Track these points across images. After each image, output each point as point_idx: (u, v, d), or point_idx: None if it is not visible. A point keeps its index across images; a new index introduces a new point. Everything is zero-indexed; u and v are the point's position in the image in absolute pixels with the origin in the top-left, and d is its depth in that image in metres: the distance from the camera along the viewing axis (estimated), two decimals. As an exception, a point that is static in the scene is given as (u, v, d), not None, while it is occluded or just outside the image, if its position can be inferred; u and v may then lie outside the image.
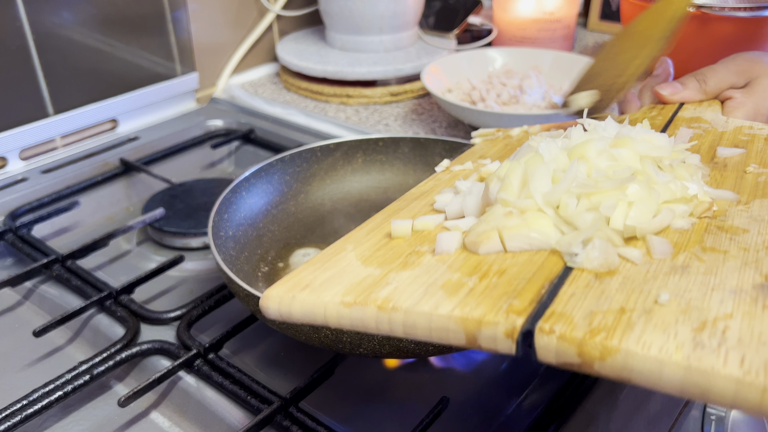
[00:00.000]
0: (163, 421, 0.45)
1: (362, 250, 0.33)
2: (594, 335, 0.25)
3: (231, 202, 0.54)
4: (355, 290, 0.29)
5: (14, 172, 0.72)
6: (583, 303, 0.27)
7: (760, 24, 0.80)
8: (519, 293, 0.27)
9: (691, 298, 0.26)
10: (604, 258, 0.29)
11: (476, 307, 0.27)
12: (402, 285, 0.29)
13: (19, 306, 0.57)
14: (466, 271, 0.30)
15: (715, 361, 0.23)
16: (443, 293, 0.28)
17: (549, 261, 0.30)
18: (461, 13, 0.98)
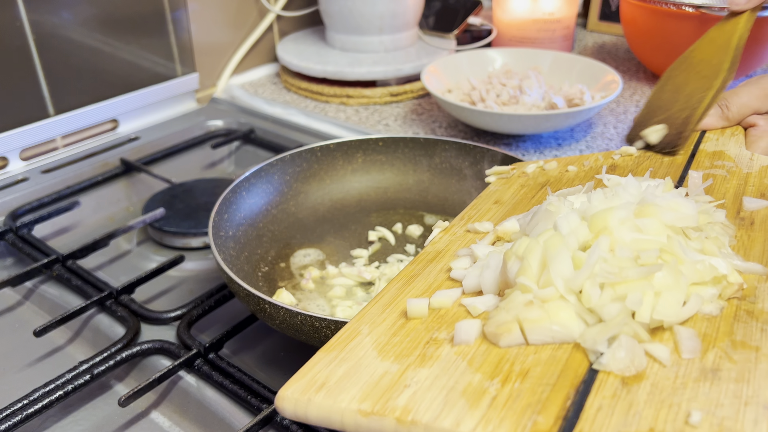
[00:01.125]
0: (164, 421, 0.45)
1: (378, 335, 0.32)
2: None
3: (231, 202, 0.54)
4: (373, 395, 0.28)
5: (15, 172, 0.73)
6: (610, 420, 0.25)
7: (760, 24, 0.80)
8: (543, 406, 0.26)
9: (723, 417, 0.25)
10: (630, 359, 0.27)
11: (500, 425, 0.26)
12: (421, 389, 0.28)
13: (19, 306, 0.57)
14: (487, 372, 0.28)
15: None
16: (464, 403, 0.27)
17: (573, 359, 0.28)
18: (461, 13, 0.98)
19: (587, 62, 0.82)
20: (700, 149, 0.46)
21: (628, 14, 0.90)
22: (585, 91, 0.76)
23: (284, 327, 0.42)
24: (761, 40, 0.82)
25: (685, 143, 0.46)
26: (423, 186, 0.63)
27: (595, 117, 0.81)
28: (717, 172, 0.43)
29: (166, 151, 0.77)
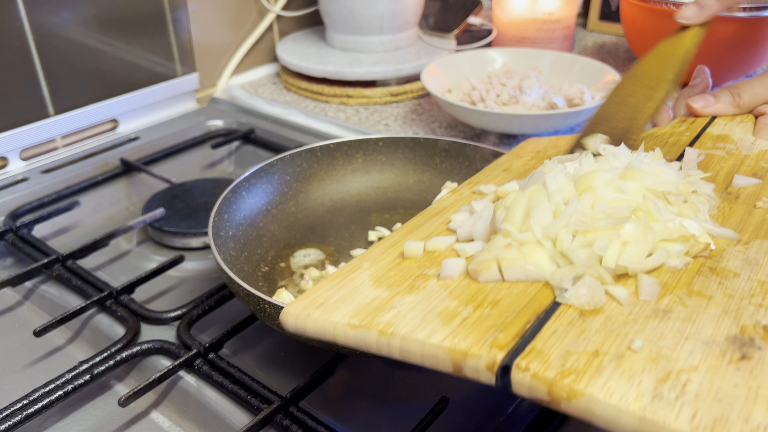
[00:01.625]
0: (164, 421, 0.46)
1: (376, 269, 0.35)
2: (564, 377, 0.26)
3: (231, 202, 0.54)
4: (362, 312, 0.32)
5: (15, 172, 0.73)
6: (562, 342, 0.28)
7: (760, 24, 0.80)
8: (506, 327, 0.29)
9: (663, 346, 0.27)
10: (591, 296, 0.30)
11: (464, 339, 0.29)
12: (404, 310, 0.31)
13: (19, 306, 0.57)
14: (463, 299, 0.32)
15: (668, 415, 0.24)
16: (438, 322, 0.30)
17: (541, 294, 0.31)
18: (461, 13, 0.98)
19: (587, 62, 0.82)
20: (706, 132, 0.47)
21: (628, 14, 0.90)
22: (585, 90, 0.76)
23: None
24: (761, 40, 0.82)
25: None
26: (423, 186, 0.63)
27: (595, 117, 0.81)
28: (716, 152, 0.44)
29: (166, 151, 0.77)
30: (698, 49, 0.86)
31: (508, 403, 0.45)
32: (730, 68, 0.86)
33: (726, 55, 0.83)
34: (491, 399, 0.45)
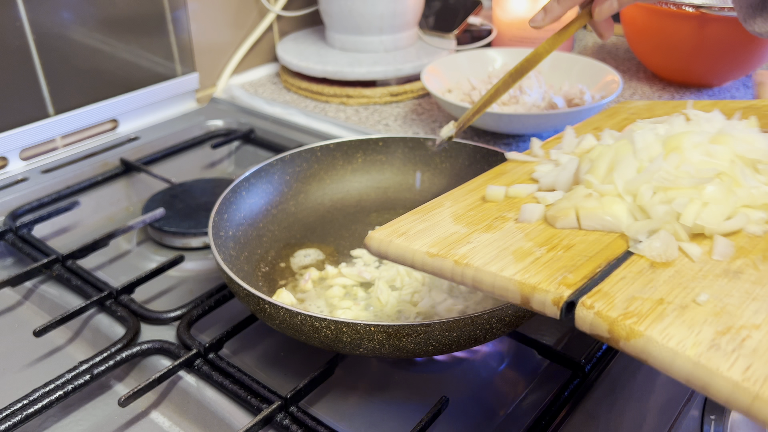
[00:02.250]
0: (164, 421, 0.45)
1: (457, 208, 0.39)
2: (626, 318, 0.28)
3: (231, 202, 0.54)
4: (440, 244, 0.35)
5: (14, 172, 0.73)
6: (629, 288, 0.30)
7: (759, 24, 0.80)
8: (576, 268, 0.31)
9: (728, 303, 0.28)
10: (664, 249, 0.31)
11: (535, 275, 0.31)
12: (480, 245, 0.34)
13: (19, 306, 0.57)
14: (538, 241, 0.34)
15: (723, 364, 0.25)
16: (512, 258, 0.33)
17: (615, 243, 0.33)
18: (461, 13, 0.98)
19: (587, 62, 0.82)
20: None
21: (628, 14, 0.90)
22: (585, 90, 0.76)
23: (284, 327, 0.42)
24: (761, 40, 0.82)
25: (459, 134, 0.55)
26: (423, 186, 0.63)
27: (595, 117, 0.81)
28: None
29: (166, 151, 0.77)
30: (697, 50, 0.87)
31: (508, 403, 0.45)
32: (731, 67, 0.86)
33: (728, 54, 0.83)
34: (491, 399, 0.45)
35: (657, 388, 0.43)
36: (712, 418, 0.49)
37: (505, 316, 0.40)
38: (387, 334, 0.39)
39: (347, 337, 0.39)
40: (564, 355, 0.45)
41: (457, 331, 0.39)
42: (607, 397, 0.41)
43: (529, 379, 0.47)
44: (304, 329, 0.41)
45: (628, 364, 0.44)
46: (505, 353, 0.50)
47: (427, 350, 0.40)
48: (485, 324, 0.40)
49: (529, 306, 0.31)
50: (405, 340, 0.39)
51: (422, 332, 0.39)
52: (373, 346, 0.40)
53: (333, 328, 0.39)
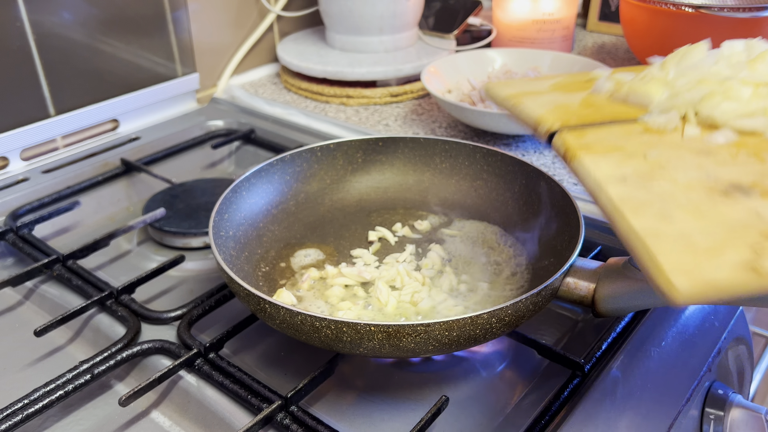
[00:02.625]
0: (164, 421, 0.46)
1: (563, 81, 0.47)
2: (580, 148, 0.34)
3: (231, 202, 0.54)
4: (520, 94, 0.45)
5: (15, 172, 0.73)
6: (607, 135, 0.35)
7: (759, 24, 0.80)
8: (584, 117, 0.38)
9: (668, 163, 0.32)
10: (663, 122, 0.36)
11: (552, 115, 0.39)
12: (543, 94, 0.43)
13: (19, 306, 0.57)
14: (583, 103, 0.41)
15: (616, 189, 0.31)
16: (554, 106, 0.40)
17: (634, 114, 0.38)
18: (461, 13, 0.98)
19: (587, 62, 0.83)
20: None
21: (628, 14, 0.90)
22: (585, 91, 0.76)
23: (284, 327, 0.42)
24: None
25: None
26: (423, 186, 0.63)
27: (595, 117, 0.81)
28: None
29: (167, 151, 0.77)
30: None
31: (508, 402, 0.45)
32: (729, 68, 0.86)
33: (726, 55, 0.83)
34: (491, 399, 0.46)
35: (656, 388, 0.43)
36: (712, 418, 0.49)
37: (505, 316, 0.40)
38: (387, 333, 0.39)
39: (347, 336, 0.40)
40: (563, 355, 0.45)
41: (457, 331, 0.39)
42: (606, 397, 0.42)
43: (528, 378, 0.47)
44: (304, 329, 0.41)
45: (627, 364, 0.44)
46: (505, 353, 0.50)
47: (427, 350, 0.41)
48: (485, 324, 0.40)
49: (536, 131, 0.39)
50: (405, 340, 0.39)
51: (422, 332, 0.39)
52: (372, 346, 0.40)
53: (333, 328, 0.40)
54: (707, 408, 0.49)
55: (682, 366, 0.45)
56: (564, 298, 0.45)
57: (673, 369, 0.45)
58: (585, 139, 0.36)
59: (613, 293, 0.42)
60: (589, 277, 0.44)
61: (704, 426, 0.49)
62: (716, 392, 0.50)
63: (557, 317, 0.54)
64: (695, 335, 0.48)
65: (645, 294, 0.41)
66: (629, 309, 0.43)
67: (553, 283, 0.43)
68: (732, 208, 0.30)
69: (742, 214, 0.29)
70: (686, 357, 0.46)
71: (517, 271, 0.52)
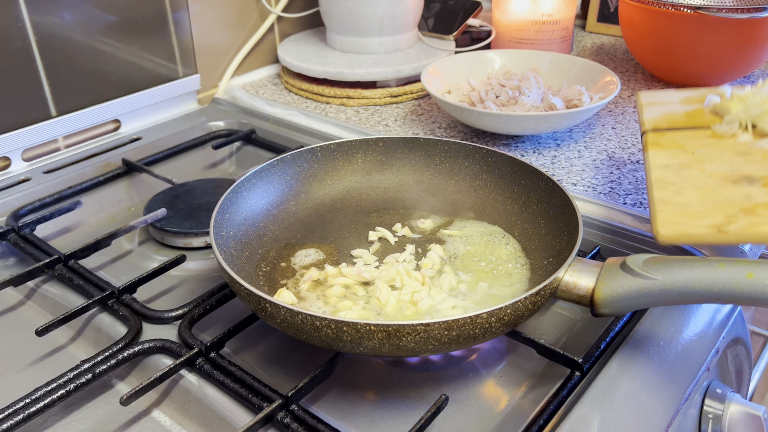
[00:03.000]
0: (165, 420, 0.46)
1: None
2: (651, 145, 0.48)
3: (232, 203, 0.54)
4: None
5: (17, 173, 0.73)
6: (678, 137, 0.48)
7: (757, 25, 0.80)
8: (671, 123, 0.51)
9: (707, 158, 0.44)
10: (725, 130, 0.48)
11: (648, 120, 0.53)
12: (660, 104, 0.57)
13: (21, 305, 0.57)
14: (685, 112, 0.54)
15: (666, 177, 0.45)
16: (660, 108, 0.55)
17: (714, 120, 0.51)
18: (460, 15, 0.98)
19: (586, 63, 0.83)
20: None
21: (627, 15, 0.91)
22: (583, 92, 0.77)
23: (285, 326, 0.42)
24: (761, 40, 0.82)
25: None
26: (423, 186, 0.63)
27: (594, 118, 0.82)
28: None
29: (168, 152, 0.77)
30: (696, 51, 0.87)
31: (508, 401, 0.45)
32: (729, 69, 0.86)
33: (726, 55, 0.83)
34: (490, 398, 0.46)
35: (655, 387, 0.43)
36: (710, 417, 0.49)
37: (504, 316, 0.41)
38: (387, 333, 0.39)
39: (347, 336, 0.40)
40: (563, 354, 0.45)
41: (456, 331, 0.39)
42: (605, 396, 0.42)
43: (528, 377, 0.47)
44: (305, 328, 0.41)
45: (626, 363, 0.44)
46: (505, 352, 0.50)
47: (427, 349, 0.41)
48: (484, 323, 0.40)
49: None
50: (405, 339, 0.39)
51: (422, 331, 0.39)
52: (372, 345, 0.40)
53: (333, 328, 0.40)
54: (706, 407, 0.49)
55: (680, 365, 0.46)
56: (563, 298, 0.45)
57: (672, 368, 0.45)
58: (661, 138, 0.47)
59: (611, 293, 0.43)
60: (587, 277, 0.44)
61: (703, 425, 0.49)
62: (715, 391, 0.50)
63: (556, 316, 0.54)
64: (694, 335, 0.48)
65: (643, 294, 0.41)
66: (628, 308, 0.43)
67: (552, 282, 0.43)
68: (733, 192, 0.41)
69: (738, 196, 0.40)
70: (685, 356, 0.46)
71: (516, 271, 0.53)
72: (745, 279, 0.38)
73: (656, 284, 0.41)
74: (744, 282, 0.38)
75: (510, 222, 0.58)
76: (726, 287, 0.39)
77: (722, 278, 0.39)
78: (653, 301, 0.42)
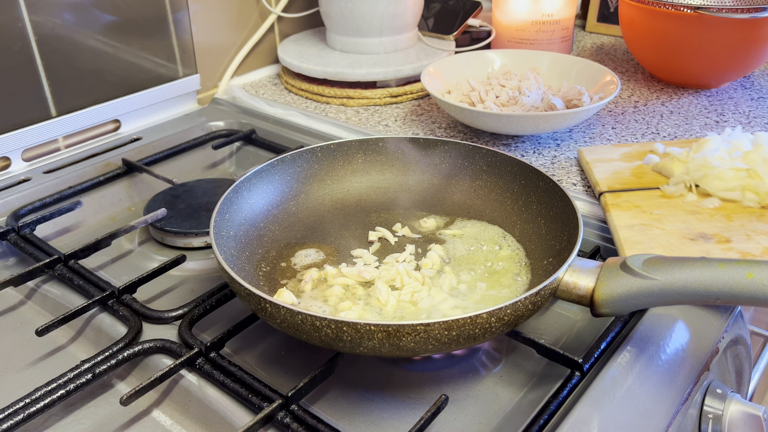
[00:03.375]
0: (165, 420, 0.46)
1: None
2: (611, 206, 0.56)
3: (232, 203, 0.54)
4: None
5: (17, 173, 0.73)
6: (633, 197, 0.57)
7: (757, 25, 0.80)
8: (623, 184, 0.59)
9: (664, 218, 0.52)
10: (674, 191, 0.57)
11: (602, 180, 0.61)
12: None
13: (21, 305, 0.57)
14: (630, 169, 0.62)
15: (632, 237, 0.52)
16: (613, 175, 0.62)
17: (660, 181, 0.59)
18: (460, 15, 0.98)
19: (585, 63, 0.83)
20: None
21: (627, 16, 0.91)
22: (583, 92, 0.77)
23: (285, 326, 0.42)
24: (761, 40, 0.82)
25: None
26: (423, 186, 0.63)
27: (594, 118, 0.82)
28: None
29: (168, 152, 0.78)
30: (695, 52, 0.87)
31: (507, 401, 0.45)
32: (729, 69, 0.86)
33: (726, 55, 0.83)
34: (490, 398, 0.46)
35: (655, 387, 0.43)
36: (710, 417, 0.49)
37: (504, 316, 0.41)
38: (387, 333, 0.39)
39: (347, 336, 0.40)
40: (563, 354, 0.46)
41: (456, 331, 0.39)
42: (605, 396, 0.42)
43: (527, 378, 0.47)
44: (305, 328, 0.41)
45: (626, 363, 0.44)
46: (505, 352, 0.50)
47: (427, 349, 0.41)
48: (484, 323, 0.40)
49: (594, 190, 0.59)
50: (405, 339, 0.39)
51: (422, 331, 0.39)
52: (372, 345, 0.40)
53: (333, 328, 0.40)
54: (706, 407, 0.49)
55: (680, 365, 0.46)
56: (563, 298, 0.45)
57: (672, 368, 0.45)
58: (618, 199, 0.55)
59: (611, 293, 0.43)
60: (587, 277, 0.44)
61: (702, 425, 0.49)
62: (715, 391, 0.50)
63: (556, 316, 0.54)
64: (694, 335, 0.48)
65: (643, 294, 0.41)
66: (627, 309, 0.43)
67: (551, 282, 0.43)
68: (693, 249, 0.48)
69: (698, 252, 0.48)
70: (685, 356, 0.46)
71: (516, 271, 0.53)
72: (745, 279, 0.38)
73: (656, 284, 0.41)
74: (744, 282, 0.38)
75: (510, 222, 0.58)
76: (726, 287, 0.39)
77: (722, 278, 0.39)
78: (653, 301, 0.42)
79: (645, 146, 0.66)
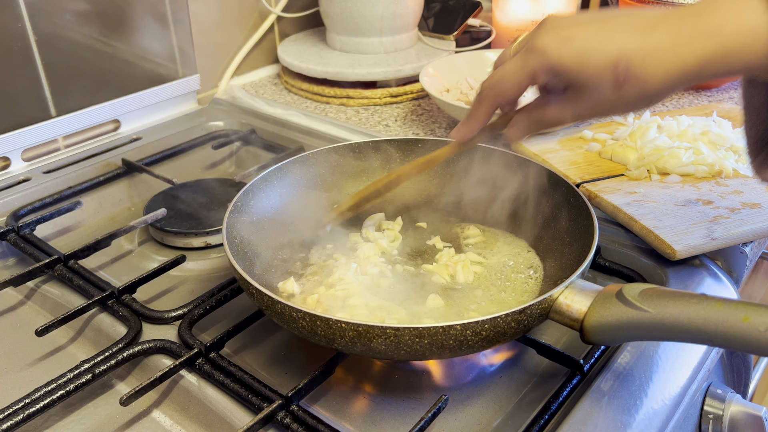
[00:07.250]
0: (165, 420, 0.46)
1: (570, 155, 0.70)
2: (598, 192, 0.61)
3: (244, 204, 0.54)
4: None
5: (17, 173, 0.73)
6: (609, 184, 0.62)
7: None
8: (592, 174, 0.64)
9: (651, 194, 0.60)
10: (639, 175, 0.63)
11: (570, 172, 0.65)
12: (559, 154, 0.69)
13: (21, 306, 0.57)
14: (586, 160, 0.68)
15: (638, 211, 0.58)
16: (570, 164, 0.67)
17: (618, 168, 0.65)
18: (461, 15, 0.98)
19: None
20: None
21: (627, 16, 0.90)
22: (584, 92, 0.76)
23: (270, 314, 0.42)
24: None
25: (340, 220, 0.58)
26: (423, 186, 0.63)
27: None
28: None
29: (168, 152, 0.77)
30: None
31: (508, 401, 0.45)
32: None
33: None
34: (490, 398, 0.46)
35: (655, 387, 0.43)
36: (710, 417, 0.49)
37: (482, 330, 0.39)
38: (357, 332, 0.39)
39: (321, 330, 0.40)
40: (563, 354, 0.45)
41: (428, 339, 0.39)
42: (605, 396, 0.42)
43: (528, 377, 0.47)
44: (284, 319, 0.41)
45: (626, 364, 0.44)
46: (505, 352, 0.50)
47: (399, 354, 0.40)
48: (458, 335, 0.39)
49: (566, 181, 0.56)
50: (375, 341, 0.39)
51: (392, 335, 0.38)
52: (345, 344, 0.40)
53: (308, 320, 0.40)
54: (706, 407, 0.49)
55: (681, 365, 0.46)
56: (555, 320, 0.43)
57: (672, 368, 0.45)
58: (597, 187, 0.61)
59: (601, 320, 0.40)
60: (582, 301, 0.42)
61: (703, 425, 0.49)
62: (715, 391, 0.50)
63: (556, 317, 0.54)
64: (694, 335, 0.48)
65: (633, 326, 0.39)
66: (616, 339, 0.41)
67: (541, 302, 0.41)
68: (690, 211, 0.56)
69: (695, 214, 0.56)
70: (685, 356, 0.46)
71: (528, 282, 0.52)
72: (740, 323, 0.35)
73: (647, 317, 0.38)
74: (738, 326, 0.35)
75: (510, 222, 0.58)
76: (719, 329, 0.35)
77: (716, 319, 0.36)
78: (643, 335, 0.39)
79: (577, 132, 0.72)
